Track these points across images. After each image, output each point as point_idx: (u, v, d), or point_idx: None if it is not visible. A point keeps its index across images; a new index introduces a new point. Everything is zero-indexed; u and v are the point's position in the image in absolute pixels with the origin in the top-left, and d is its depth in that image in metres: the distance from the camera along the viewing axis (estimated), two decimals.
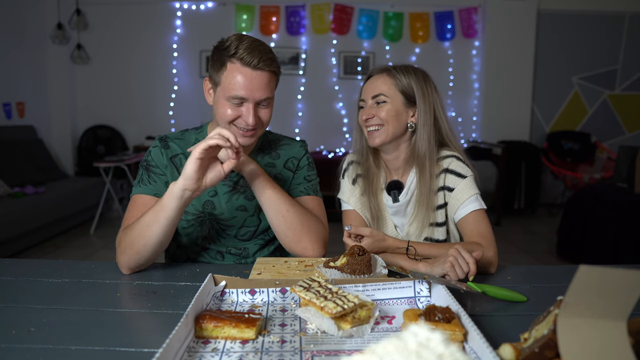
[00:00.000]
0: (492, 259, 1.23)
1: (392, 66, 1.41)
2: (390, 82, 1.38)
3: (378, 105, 1.37)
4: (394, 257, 1.25)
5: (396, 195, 1.41)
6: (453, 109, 5.64)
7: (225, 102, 1.20)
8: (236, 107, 1.20)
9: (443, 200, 1.39)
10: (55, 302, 0.99)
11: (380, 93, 1.37)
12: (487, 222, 1.33)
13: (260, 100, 1.21)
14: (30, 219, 3.74)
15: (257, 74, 1.18)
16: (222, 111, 1.21)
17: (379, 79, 1.39)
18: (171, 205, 1.10)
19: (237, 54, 1.17)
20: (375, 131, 1.38)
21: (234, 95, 1.18)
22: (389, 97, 1.37)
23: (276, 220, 1.25)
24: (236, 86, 1.17)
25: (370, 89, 1.40)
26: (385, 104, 1.37)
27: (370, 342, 0.82)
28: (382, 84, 1.38)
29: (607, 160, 5.30)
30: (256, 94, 1.19)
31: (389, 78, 1.38)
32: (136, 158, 4.69)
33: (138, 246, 1.13)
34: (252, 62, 1.16)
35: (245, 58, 1.16)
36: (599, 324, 0.63)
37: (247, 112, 1.20)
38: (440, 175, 1.39)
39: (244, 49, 1.17)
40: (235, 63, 1.18)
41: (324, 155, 5.23)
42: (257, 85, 1.18)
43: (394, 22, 5.46)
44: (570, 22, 5.51)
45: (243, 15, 5.39)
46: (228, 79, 1.18)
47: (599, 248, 3.37)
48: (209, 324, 0.82)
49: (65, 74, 5.39)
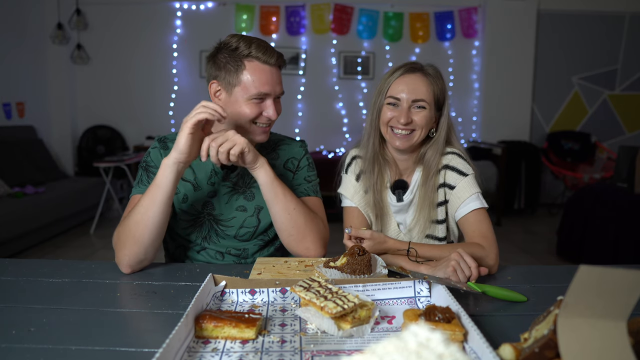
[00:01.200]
0: (493, 260, 1.23)
1: (426, 66, 1.37)
2: (430, 88, 1.33)
3: (417, 109, 1.33)
4: (395, 258, 1.25)
5: (400, 195, 1.41)
6: (453, 109, 5.64)
7: (246, 102, 1.23)
8: (257, 105, 1.24)
9: (443, 197, 1.39)
10: (55, 302, 0.99)
11: (423, 98, 1.32)
12: (488, 221, 1.32)
13: (279, 94, 1.27)
14: (30, 219, 3.74)
15: (275, 69, 1.25)
16: (243, 111, 1.24)
17: (419, 80, 1.33)
18: (166, 180, 1.13)
19: (252, 53, 1.22)
20: (407, 135, 1.34)
21: (259, 92, 1.22)
22: (428, 102, 1.33)
23: (281, 218, 1.24)
24: (260, 83, 1.22)
25: (411, 91, 1.32)
26: (424, 110, 1.33)
27: (370, 342, 0.82)
28: (423, 87, 1.32)
29: (607, 160, 5.30)
30: (277, 89, 1.25)
31: (428, 83, 1.33)
32: (136, 158, 4.69)
33: (138, 233, 1.13)
34: (271, 61, 1.23)
35: (261, 57, 1.22)
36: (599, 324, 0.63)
37: (270, 107, 1.24)
38: (440, 172, 1.38)
39: (256, 48, 1.22)
40: (253, 62, 1.22)
41: (324, 155, 5.23)
42: (277, 80, 1.26)
43: (394, 22, 5.46)
44: (570, 22, 5.51)
45: (243, 15, 5.39)
46: (250, 78, 1.22)
47: (599, 248, 3.37)
48: (209, 324, 0.82)
49: (65, 74, 5.38)
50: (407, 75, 1.34)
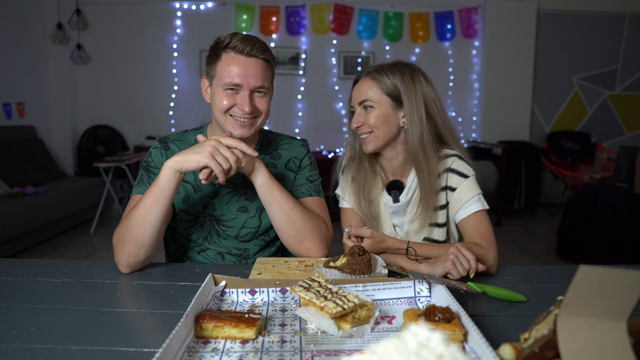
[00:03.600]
0: (492, 260, 1.23)
1: (378, 67, 1.37)
2: (375, 86, 1.34)
3: (366, 111, 1.35)
4: (394, 257, 1.25)
5: (397, 196, 1.40)
6: (453, 109, 5.64)
7: (222, 92, 1.23)
8: (232, 96, 1.23)
9: (445, 200, 1.38)
10: (55, 302, 0.99)
11: (366, 99, 1.34)
12: (488, 222, 1.32)
13: (255, 87, 1.23)
14: (30, 219, 3.74)
15: (251, 61, 1.22)
16: (218, 101, 1.23)
17: (364, 83, 1.36)
18: (169, 184, 1.12)
19: (230, 44, 1.22)
20: (366, 137, 1.36)
21: (229, 82, 1.21)
22: (375, 102, 1.34)
23: (279, 219, 1.24)
24: (231, 73, 1.21)
25: (357, 94, 1.37)
26: (372, 109, 1.34)
27: (370, 342, 0.82)
28: (367, 89, 1.35)
29: (607, 160, 5.30)
30: (251, 81, 1.22)
31: (373, 82, 1.34)
32: (136, 158, 4.69)
33: (138, 234, 1.13)
34: (245, 50, 1.21)
35: (238, 47, 1.21)
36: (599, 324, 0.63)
37: (242, 100, 1.22)
38: (442, 175, 1.37)
39: (237, 39, 1.22)
40: (229, 52, 1.22)
41: (324, 155, 5.23)
42: (251, 72, 1.21)
43: (394, 22, 5.46)
44: (570, 22, 5.51)
45: (243, 15, 5.39)
46: (223, 68, 1.22)
47: (599, 248, 3.37)
48: (209, 324, 0.82)
49: (65, 74, 5.38)
50: (359, 82, 1.38)
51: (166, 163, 1.12)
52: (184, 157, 1.11)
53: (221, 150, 1.10)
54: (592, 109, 5.67)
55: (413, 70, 1.36)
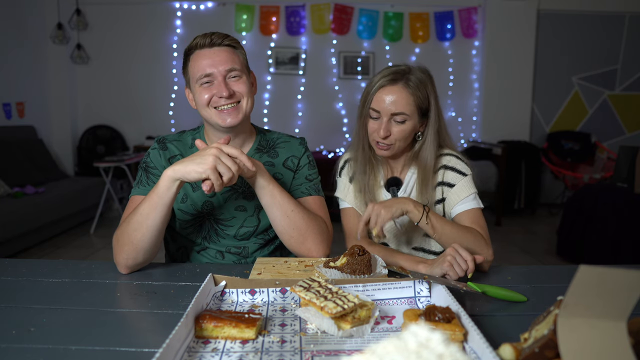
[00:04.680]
0: (488, 257, 1.24)
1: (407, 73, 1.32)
2: (410, 100, 1.30)
3: (397, 123, 1.32)
4: (394, 258, 1.25)
5: (395, 192, 1.41)
6: (453, 109, 5.64)
7: (199, 88, 1.26)
8: (208, 88, 1.25)
9: (441, 195, 1.40)
10: (55, 302, 0.99)
11: (402, 112, 1.30)
12: (483, 220, 1.35)
13: (226, 71, 1.25)
14: (30, 219, 3.74)
15: (214, 50, 1.26)
16: (199, 98, 1.26)
17: (398, 93, 1.30)
18: (169, 192, 1.11)
19: (192, 44, 1.28)
20: (387, 146, 1.34)
21: (201, 74, 1.24)
22: (409, 115, 1.31)
23: (280, 221, 1.23)
24: (200, 67, 1.25)
25: (390, 105, 1.30)
26: (404, 123, 1.32)
27: (370, 342, 0.82)
28: (402, 100, 1.29)
29: (607, 160, 5.29)
30: (219, 67, 1.24)
31: (408, 95, 1.30)
32: (136, 158, 4.69)
33: (136, 239, 1.13)
34: (206, 42, 1.26)
35: (199, 43, 1.26)
36: (599, 324, 0.63)
37: (218, 86, 1.24)
38: (439, 172, 1.39)
39: (197, 38, 1.27)
40: (194, 52, 1.28)
41: (324, 155, 5.23)
42: (218, 59, 1.25)
43: (394, 22, 5.46)
44: (570, 22, 5.51)
45: (243, 15, 5.39)
46: (193, 67, 1.27)
47: (599, 248, 3.37)
48: (209, 324, 0.82)
49: (65, 74, 5.38)
50: (387, 87, 1.31)
51: (165, 171, 1.11)
52: (184, 167, 1.08)
53: (223, 160, 1.08)
54: (592, 109, 5.67)
55: (431, 78, 1.36)
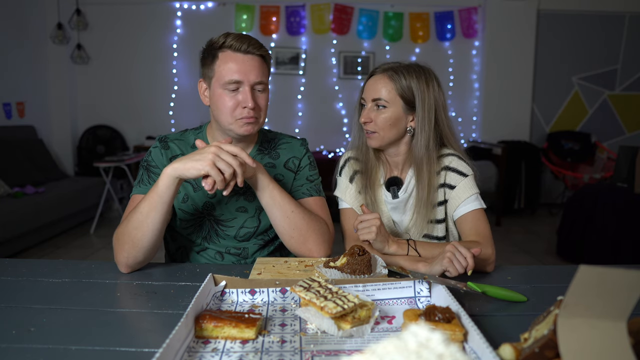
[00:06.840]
0: (489, 258, 1.23)
1: (396, 65, 1.36)
2: (391, 86, 1.33)
3: (377, 109, 1.34)
4: (394, 257, 1.25)
5: (395, 192, 1.41)
6: (453, 109, 5.64)
7: (222, 92, 1.23)
8: (233, 95, 1.22)
9: (443, 197, 1.39)
10: (55, 302, 0.99)
11: (380, 97, 1.33)
12: (485, 221, 1.34)
13: (255, 83, 1.23)
14: (30, 219, 3.74)
15: (249, 57, 1.23)
16: (221, 103, 1.23)
17: (380, 80, 1.34)
18: (168, 190, 1.11)
19: (226, 42, 1.22)
20: (372, 134, 1.36)
21: (229, 80, 1.21)
22: (388, 102, 1.33)
23: (281, 222, 1.23)
24: (230, 71, 1.21)
25: (371, 90, 1.35)
26: (384, 109, 1.34)
27: (370, 342, 0.82)
28: (382, 87, 1.33)
29: (607, 160, 5.29)
30: (250, 77, 1.22)
31: (389, 81, 1.33)
32: (136, 158, 4.69)
33: (136, 237, 1.13)
34: (242, 47, 1.22)
35: (234, 45, 1.22)
36: (599, 324, 0.63)
37: (244, 96, 1.22)
38: (440, 173, 1.39)
39: (232, 38, 1.23)
40: (226, 51, 1.22)
41: (324, 155, 5.23)
42: (250, 67, 1.22)
43: (394, 22, 5.46)
44: (570, 22, 5.51)
45: (243, 15, 5.39)
46: (221, 67, 1.22)
47: (599, 248, 3.37)
48: (209, 324, 0.82)
49: (65, 74, 5.38)
50: (374, 77, 1.37)
51: (165, 170, 1.11)
52: (184, 165, 1.09)
53: (223, 157, 1.08)
54: (592, 109, 5.67)
55: (429, 74, 1.36)
